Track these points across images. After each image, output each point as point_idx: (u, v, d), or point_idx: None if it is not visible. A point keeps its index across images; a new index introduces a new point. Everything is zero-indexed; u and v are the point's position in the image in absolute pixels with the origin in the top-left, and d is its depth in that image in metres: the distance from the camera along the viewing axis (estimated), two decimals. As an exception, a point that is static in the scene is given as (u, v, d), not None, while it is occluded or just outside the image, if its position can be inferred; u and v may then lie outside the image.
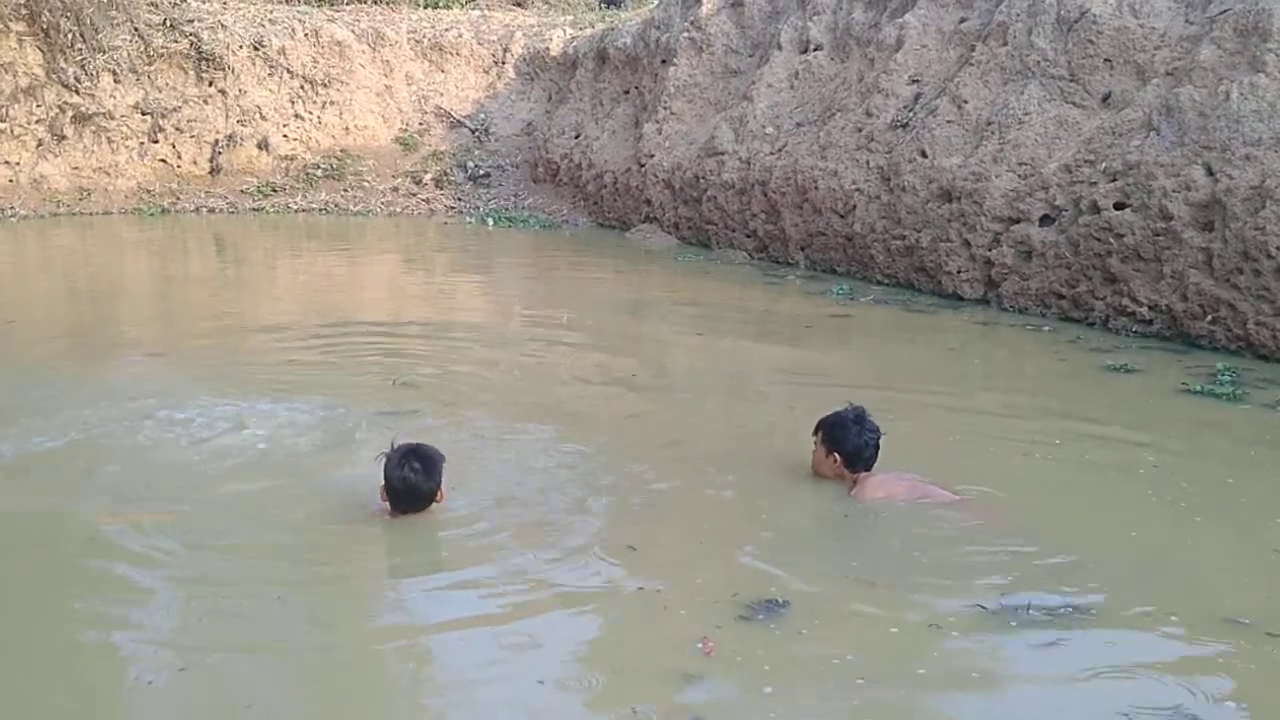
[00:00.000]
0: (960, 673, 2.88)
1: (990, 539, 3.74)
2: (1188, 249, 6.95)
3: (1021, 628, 3.08)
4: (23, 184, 15.09)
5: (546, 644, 2.99)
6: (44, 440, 4.85)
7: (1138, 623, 3.16)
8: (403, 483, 3.70)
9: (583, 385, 6.06)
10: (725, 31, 12.99)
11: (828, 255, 10.39)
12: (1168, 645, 3.04)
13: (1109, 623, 3.14)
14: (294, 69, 16.70)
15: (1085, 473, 4.54)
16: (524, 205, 16.19)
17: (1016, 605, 3.18)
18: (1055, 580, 3.40)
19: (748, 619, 3.09)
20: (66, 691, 2.77)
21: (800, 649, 2.96)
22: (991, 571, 3.48)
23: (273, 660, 2.94)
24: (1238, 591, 3.36)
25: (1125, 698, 2.74)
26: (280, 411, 5.34)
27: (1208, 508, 4.13)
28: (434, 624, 3.17)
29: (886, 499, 4.09)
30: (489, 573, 3.48)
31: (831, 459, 4.22)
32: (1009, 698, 2.81)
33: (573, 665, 2.89)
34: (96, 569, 3.43)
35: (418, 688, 2.84)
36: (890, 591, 3.30)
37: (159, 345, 7.16)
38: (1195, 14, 7.62)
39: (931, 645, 2.99)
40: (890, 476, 4.20)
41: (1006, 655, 2.97)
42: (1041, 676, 2.88)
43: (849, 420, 4.20)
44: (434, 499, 3.78)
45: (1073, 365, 6.62)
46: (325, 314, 8.37)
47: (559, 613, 3.20)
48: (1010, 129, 8.38)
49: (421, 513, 3.77)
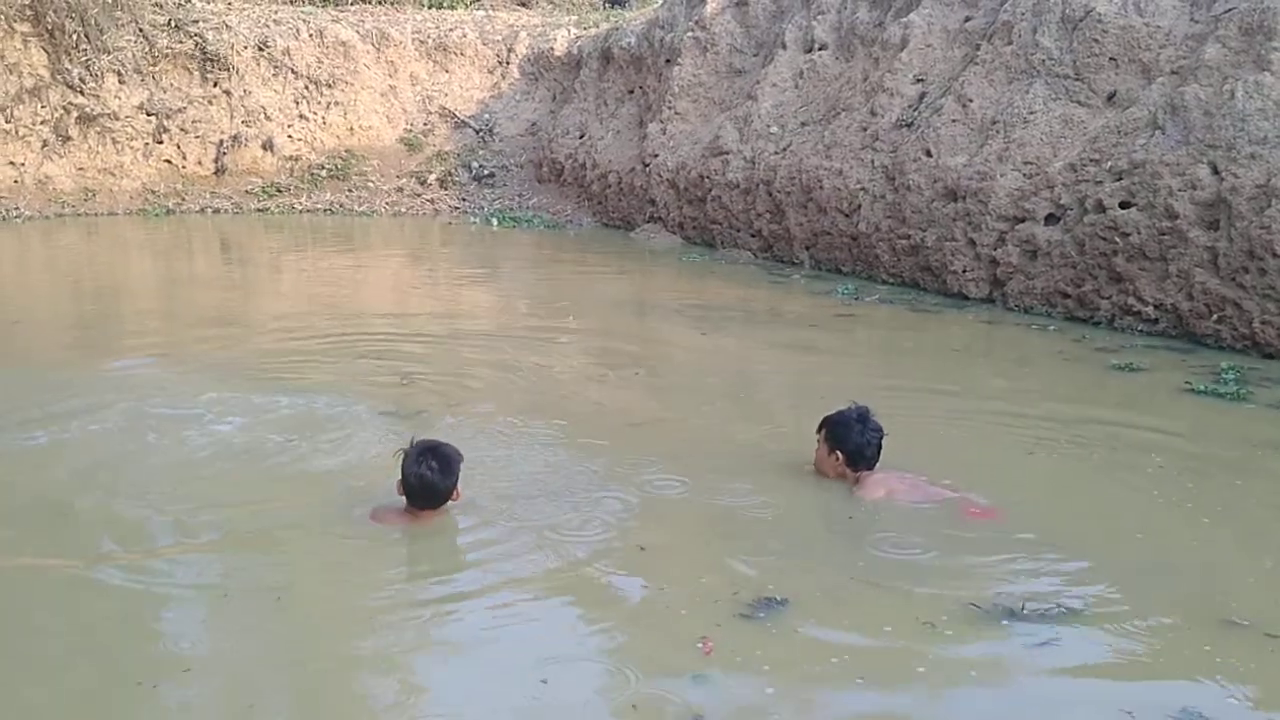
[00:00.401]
0: (959, 672, 2.87)
1: (992, 538, 3.73)
2: (1193, 248, 6.93)
3: (1020, 626, 3.07)
4: (28, 185, 15.11)
5: (550, 643, 2.99)
6: (43, 440, 4.86)
7: (1139, 621, 3.15)
8: (419, 480, 3.70)
9: (587, 385, 6.06)
10: (730, 31, 12.97)
11: (833, 255, 10.38)
12: (1171, 645, 3.04)
13: (1110, 621, 3.14)
14: (299, 69, 16.71)
15: (1088, 472, 4.53)
16: (528, 205, 16.19)
17: (1015, 604, 3.17)
18: (1057, 579, 3.40)
19: (748, 617, 3.09)
20: (68, 695, 2.77)
21: (799, 648, 2.95)
22: (993, 571, 3.47)
23: (273, 661, 2.93)
24: (1240, 592, 3.34)
25: (1128, 696, 2.73)
26: (282, 411, 5.35)
27: (1213, 508, 4.12)
28: (438, 622, 3.17)
29: (887, 498, 4.09)
30: (494, 572, 3.48)
31: (834, 457, 4.23)
32: (1009, 695, 2.80)
33: (575, 664, 2.89)
34: (94, 570, 3.43)
35: (421, 687, 2.84)
36: (889, 591, 3.30)
37: (162, 345, 7.16)
38: (1200, 12, 7.59)
39: (931, 644, 2.99)
40: (891, 475, 4.20)
41: (1007, 653, 2.97)
42: (1042, 675, 2.88)
43: (851, 419, 4.21)
44: (449, 497, 3.79)
45: (1077, 364, 6.60)
46: (330, 314, 8.38)
47: (562, 612, 3.21)
48: (1015, 128, 8.36)
49: (436, 511, 3.77)
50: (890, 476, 4.19)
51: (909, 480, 4.19)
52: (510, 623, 3.13)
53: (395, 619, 3.20)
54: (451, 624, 3.16)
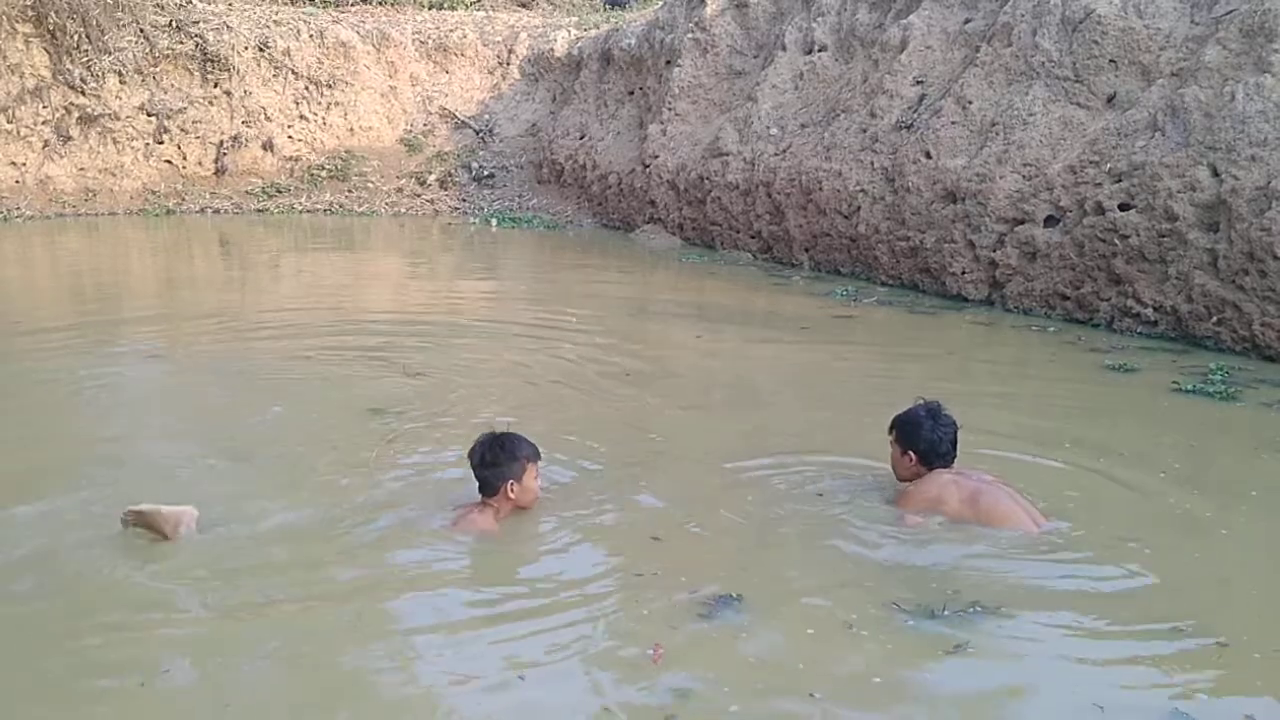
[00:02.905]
0: (918, 670, 2.88)
1: (948, 538, 3.72)
2: (1193, 250, 6.92)
3: (931, 625, 3.07)
4: (29, 185, 15.13)
5: (528, 643, 3.00)
6: (42, 440, 4.86)
7: (1114, 617, 3.16)
8: (469, 459, 3.83)
9: (584, 385, 6.05)
10: (730, 32, 12.98)
11: (832, 256, 10.38)
12: (1147, 643, 3.04)
13: (1079, 623, 3.15)
14: (299, 70, 16.73)
15: (1069, 471, 4.53)
16: (528, 206, 16.21)
17: (937, 605, 3.17)
18: (990, 575, 3.40)
19: (706, 617, 3.11)
20: (59, 695, 2.77)
21: (752, 650, 2.97)
22: (931, 569, 3.47)
23: (254, 660, 2.92)
24: (1172, 594, 3.34)
25: (1099, 690, 2.76)
26: (284, 410, 5.35)
27: (1195, 505, 4.13)
28: (419, 619, 3.17)
29: (935, 502, 3.82)
30: (478, 570, 3.49)
31: (907, 458, 3.98)
32: (979, 690, 2.81)
33: (549, 664, 2.90)
34: (91, 572, 3.42)
35: (399, 682, 2.83)
36: (855, 595, 3.29)
37: (163, 344, 7.16)
38: (1200, 15, 7.59)
39: (886, 646, 2.99)
40: (954, 477, 3.88)
41: (915, 656, 2.96)
42: (1007, 674, 2.89)
43: (921, 416, 3.95)
44: (496, 488, 3.81)
45: (1071, 365, 6.62)
46: (330, 314, 8.37)
47: (537, 613, 3.20)
48: (1015, 130, 8.36)
49: (501, 502, 3.82)
50: (951, 478, 3.87)
51: (972, 483, 3.85)
52: (494, 624, 3.13)
53: (377, 618, 3.18)
54: (426, 619, 3.18)
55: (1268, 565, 3.68)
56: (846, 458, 4.61)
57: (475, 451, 3.83)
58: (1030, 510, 3.81)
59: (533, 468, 3.88)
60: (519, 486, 3.82)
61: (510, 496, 3.82)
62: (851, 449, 4.71)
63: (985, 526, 3.71)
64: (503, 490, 3.81)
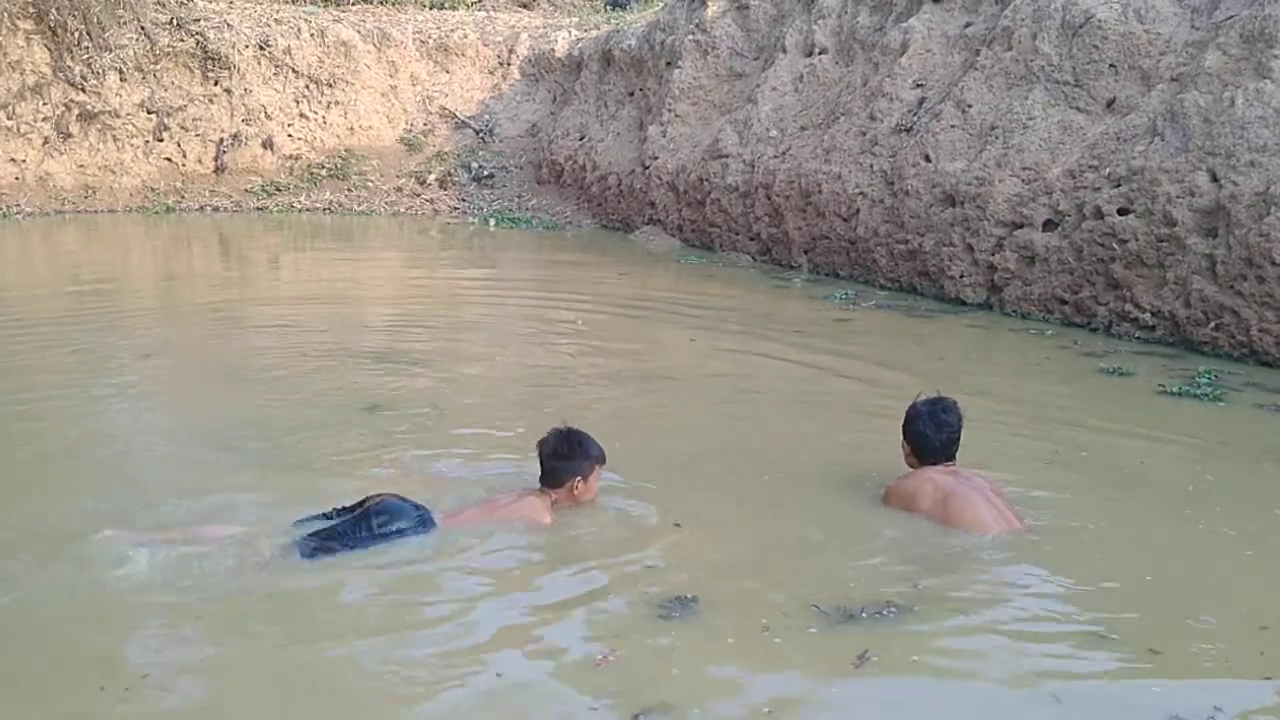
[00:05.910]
0: (889, 665, 2.90)
1: (895, 535, 3.74)
2: (1191, 255, 6.92)
3: (844, 629, 3.07)
4: (29, 182, 15.12)
5: (507, 643, 3.01)
6: (43, 441, 4.85)
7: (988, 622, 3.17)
8: (539, 448, 3.88)
9: (580, 385, 6.06)
10: (730, 34, 12.98)
11: (831, 259, 10.38)
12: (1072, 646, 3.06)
13: (1040, 611, 3.19)
14: (299, 69, 16.73)
15: (1055, 472, 4.53)
16: (528, 206, 16.20)
17: (855, 608, 3.17)
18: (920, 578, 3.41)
19: (665, 618, 3.13)
20: (50, 701, 2.76)
21: (715, 649, 2.98)
22: (866, 568, 3.49)
23: (228, 663, 2.91)
24: (1114, 600, 3.34)
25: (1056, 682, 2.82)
26: (283, 409, 5.35)
27: (1178, 508, 4.15)
28: (401, 618, 3.17)
29: (909, 498, 3.81)
30: (465, 571, 3.49)
31: (904, 449, 3.96)
32: (938, 682, 2.84)
33: (526, 662, 2.92)
34: (88, 573, 3.41)
35: (377, 682, 2.83)
36: (760, 594, 3.31)
37: (162, 342, 7.16)
38: (1201, 20, 7.59)
39: (846, 638, 3.01)
40: (935, 475, 3.83)
41: (823, 660, 2.97)
42: (974, 669, 2.91)
43: (920, 410, 3.90)
44: (563, 481, 3.84)
45: (1065, 368, 6.64)
46: (328, 311, 8.37)
47: (518, 612, 3.21)
48: (1014, 134, 8.36)
49: (563, 495, 3.85)
50: (930, 475, 3.82)
51: (965, 484, 3.78)
52: (472, 623, 3.13)
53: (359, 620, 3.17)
54: (413, 614, 3.20)
55: (1202, 566, 3.63)
56: (841, 456, 4.62)
57: (548, 441, 3.87)
58: (1007, 515, 3.78)
59: (599, 470, 3.93)
60: (584, 484, 3.87)
61: (574, 492, 3.86)
62: (845, 449, 4.72)
63: (945, 527, 3.70)
64: (569, 485, 3.85)
